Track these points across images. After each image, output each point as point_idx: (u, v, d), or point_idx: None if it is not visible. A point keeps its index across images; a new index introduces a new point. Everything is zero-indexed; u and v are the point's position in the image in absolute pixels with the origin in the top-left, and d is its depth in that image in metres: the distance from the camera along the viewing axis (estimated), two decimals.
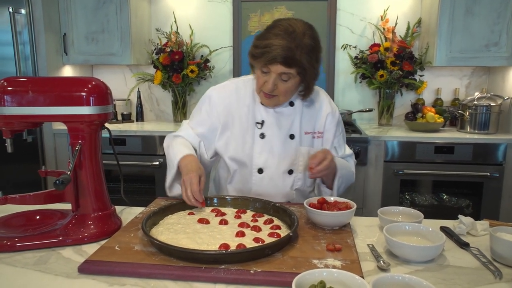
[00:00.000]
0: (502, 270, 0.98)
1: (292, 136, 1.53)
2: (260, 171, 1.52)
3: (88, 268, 0.98)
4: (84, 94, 1.13)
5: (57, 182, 1.06)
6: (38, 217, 1.26)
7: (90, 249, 1.10)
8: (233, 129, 1.54)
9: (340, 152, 1.60)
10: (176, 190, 1.44)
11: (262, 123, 1.52)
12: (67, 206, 1.34)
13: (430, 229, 1.10)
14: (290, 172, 1.53)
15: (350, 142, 2.72)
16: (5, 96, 1.10)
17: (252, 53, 1.39)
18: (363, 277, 0.88)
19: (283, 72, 1.35)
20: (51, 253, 1.08)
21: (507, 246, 1.00)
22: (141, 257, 1.02)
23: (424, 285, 0.83)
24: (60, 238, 1.14)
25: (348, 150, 1.64)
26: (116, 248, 1.07)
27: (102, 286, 0.92)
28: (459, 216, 1.23)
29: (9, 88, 1.11)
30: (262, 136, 1.52)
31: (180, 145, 1.50)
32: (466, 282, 0.94)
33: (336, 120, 1.60)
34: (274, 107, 1.52)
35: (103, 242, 1.13)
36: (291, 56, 1.31)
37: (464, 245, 1.12)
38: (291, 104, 1.54)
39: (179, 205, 1.32)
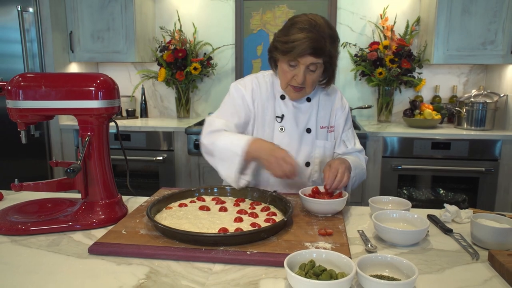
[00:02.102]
0: (480, 253, 1.06)
1: (309, 130, 1.61)
2: None
3: (97, 249, 1.06)
4: (93, 89, 1.21)
5: (68, 170, 1.15)
6: (49, 205, 1.34)
7: (99, 233, 1.18)
8: (256, 122, 1.61)
9: (349, 146, 1.66)
10: (242, 182, 1.44)
11: (282, 117, 1.60)
12: (75, 195, 1.43)
13: (416, 216, 1.18)
14: (307, 164, 1.60)
15: None
16: (20, 91, 1.18)
17: (281, 50, 1.45)
18: (350, 258, 0.95)
19: (312, 63, 1.44)
20: (62, 237, 1.17)
21: (485, 230, 1.08)
22: (146, 240, 1.10)
23: (404, 263, 0.91)
24: (70, 223, 1.22)
25: (359, 146, 1.69)
26: (123, 232, 1.15)
27: (111, 265, 1.00)
28: (445, 204, 1.30)
29: (23, 84, 1.19)
30: (282, 129, 1.60)
31: (230, 135, 1.47)
32: (445, 263, 1.02)
33: (345, 115, 1.67)
34: (297, 100, 1.59)
35: (110, 227, 1.21)
36: (319, 46, 1.40)
37: (448, 231, 1.19)
38: (308, 100, 1.62)
39: (181, 194, 1.40)
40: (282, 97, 1.61)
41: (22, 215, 1.24)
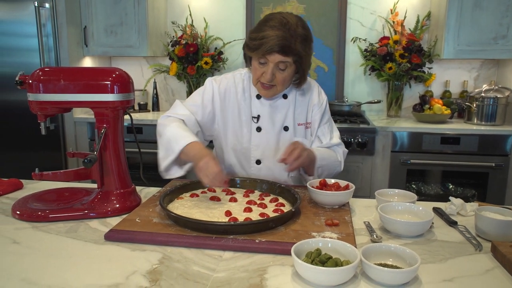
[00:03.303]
0: (483, 244, 1.09)
1: (286, 128, 1.63)
2: (258, 162, 1.62)
3: (113, 236, 1.11)
4: (108, 83, 1.26)
5: (86, 160, 1.20)
6: (67, 194, 1.40)
7: (114, 221, 1.23)
8: (231, 121, 1.62)
9: (324, 141, 1.66)
10: (174, 173, 1.45)
11: (258, 117, 1.61)
12: (89, 185, 1.48)
13: (421, 208, 1.21)
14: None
15: (358, 132, 2.83)
16: (40, 84, 1.23)
17: (249, 46, 1.47)
18: (356, 247, 0.99)
19: (280, 61, 1.44)
20: (79, 224, 1.22)
21: (489, 223, 1.10)
22: (159, 228, 1.14)
23: (407, 252, 0.95)
24: (86, 211, 1.27)
25: (336, 140, 1.69)
26: (137, 220, 1.20)
27: (126, 251, 1.05)
28: (450, 198, 1.33)
29: (44, 77, 1.24)
30: (259, 129, 1.61)
31: (180, 129, 1.47)
32: (448, 253, 1.05)
33: (322, 111, 1.67)
34: (271, 98, 1.60)
35: (124, 216, 1.26)
36: (287, 44, 1.41)
37: (452, 223, 1.22)
38: (285, 97, 1.63)
39: (193, 185, 1.45)
40: (258, 97, 1.62)
41: (42, 203, 1.30)
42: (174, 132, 1.46)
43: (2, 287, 0.88)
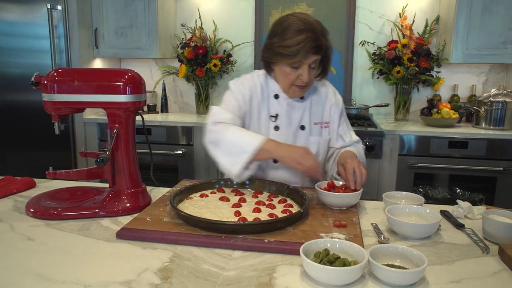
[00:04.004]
0: (490, 247, 1.10)
1: (302, 127, 1.66)
2: (275, 160, 1.64)
3: (124, 234, 1.13)
4: (121, 84, 1.29)
5: (98, 160, 1.22)
6: (79, 192, 1.43)
7: (125, 220, 1.25)
8: (251, 121, 1.66)
9: (347, 139, 1.71)
10: (245, 175, 1.46)
11: (276, 116, 1.64)
12: (99, 185, 1.51)
13: (428, 210, 1.22)
14: None
15: (365, 135, 2.84)
16: (55, 85, 1.26)
17: (284, 54, 1.48)
18: (363, 248, 1.00)
19: (314, 61, 1.50)
20: (91, 222, 1.25)
21: (496, 226, 1.11)
22: (169, 227, 1.16)
23: (414, 254, 0.96)
24: (98, 210, 1.30)
25: (355, 137, 1.74)
26: (148, 219, 1.22)
27: (137, 249, 1.08)
28: (458, 201, 1.34)
29: (58, 78, 1.27)
30: (277, 128, 1.64)
31: (242, 131, 1.50)
32: (455, 255, 1.06)
33: (339, 110, 1.72)
34: (289, 98, 1.64)
35: (135, 215, 1.28)
36: (319, 44, 1.47)
37: (460, 226, 1.23)
38: (301, 97, 1.66)
39: (202, 185, 1.47)
40: (276, 96, 1.65)
41: (55, 201, 1.33)
42: (239, 134, 1.47)
43: (18, 282, 0.91)
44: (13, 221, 1.24)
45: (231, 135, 1.46)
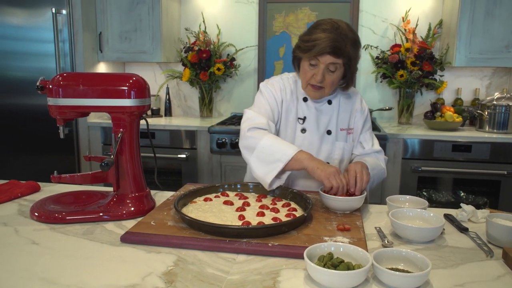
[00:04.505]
0: (494, 251, 1.09)
1: (329, 132, 1.67)
2: None
3: (128, 238, 1.14)
4: (126, 88, 1.29)
5: (103, 164, 1.23)
6: (83, 196, 1.43)
7: (129, 224, 1.26)
8: (281, 122, 1.67)
9: (366, 147, 1.70)
10: (276, 184, 1.47)
11: (304, 119, 1.66)
12: (103, 189, 1.51)
13: (432, 214, 1.22)
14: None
15: None
16: (60, 89, 1.27)
17: (301, 48, 1.53)
18: (367, 252, 1.00)
19: (331, 63, 1.50)
20: (96, 226, 1.25)
21: (500, 229, 1.11)
22: (173, 231, 1.17)
23: (418, 257, 0.96)
24: (102, 214, 1.30)
25: (377, 147, 1.73)
26: (152, 223, 1.22)
27: (141, 253, 1.08)
28: (461, 204, 1.34)
29: (63, 83, 1.28)
30: (304, 131, 1.66)
31: (278, 140, 1.51)
32: (459, 259, 1.06)
33: (364, 118, 1.72)
34: (317, 101, 1.65)
35: (139, 219, 1.29)
36: (339, 46, 1.47)
37: (464, 230, 1.23)
38: (329, 102, 1.68)
39: (206, 189, 1.47)
40: (305, 100, 1.67)
41: (59, 205, 1.33)
42: (274, 143, 1.48)
43: (23, 286, 0.91)
44: (17, 225, 1.25)
45: (267, 143, 1.48)
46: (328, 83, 1.55)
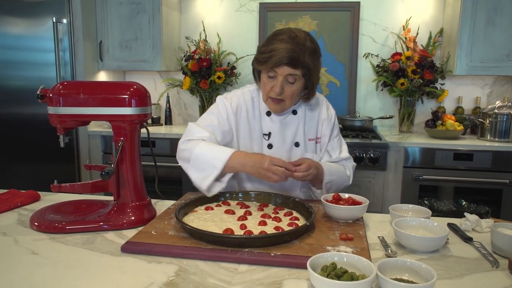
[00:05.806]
0: (499, 261, 1.08)
1: (297, 144, 1.64)
2: None
3: (129, 248, 1.12)
4: (126, 96, 1.29)
5: (103, 173, 1.22)
6: (83, 206, 1.42)
7: (130, 233, 1.24)
8: (243, 138, 1.63)
9: (334, 155, 1.67)
10: (217, 189, 1.46)
11: (269, 134, 1.62)
12: (106, 198, 1.50)
13: (436, 223, 1.20)
14: None
15: (370, 147, 2.83)
16: (60, 98, 1.27)
17: (258, 59, 1.49)
18: (371, 261, 0.99)
19: (289, 74, 1.45)
20: (96, 236, 1.24)
21: (506, 239, 1.10)
22: (174, 240, 1.15)
23: (423, 268, 0.94)
24: (102, 223, 1.29)
25: (345, 154, 1.70)
26: (153, 232, 1.21)
27: (142, 263, 1.06)
28: (465, 213, 1.32)
29: (64, 91, 1.28)
30: (270, 146, 1.62)
31: (212, 146, 1.49)
32: (464, 269, 1.04)
33: (331, 126, 1.68)
34: (281, 114, 1.61)
35: (140, 228, 1.27)
36: (296, 57, 1.42)
37: (468, 239, 1.21)
38: (294, 112, 1.64)
39: (207, 198, 1.46)
40: (268, 114, 1.62)
41: (59, 215, 1.32)
42: (207, 150, 1.47)
43: None
44: (17, 235, 1.23)
45: (200, 151, 1.47)
46: (288, 95, 1.50)
